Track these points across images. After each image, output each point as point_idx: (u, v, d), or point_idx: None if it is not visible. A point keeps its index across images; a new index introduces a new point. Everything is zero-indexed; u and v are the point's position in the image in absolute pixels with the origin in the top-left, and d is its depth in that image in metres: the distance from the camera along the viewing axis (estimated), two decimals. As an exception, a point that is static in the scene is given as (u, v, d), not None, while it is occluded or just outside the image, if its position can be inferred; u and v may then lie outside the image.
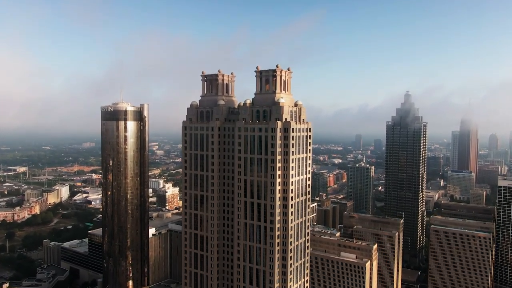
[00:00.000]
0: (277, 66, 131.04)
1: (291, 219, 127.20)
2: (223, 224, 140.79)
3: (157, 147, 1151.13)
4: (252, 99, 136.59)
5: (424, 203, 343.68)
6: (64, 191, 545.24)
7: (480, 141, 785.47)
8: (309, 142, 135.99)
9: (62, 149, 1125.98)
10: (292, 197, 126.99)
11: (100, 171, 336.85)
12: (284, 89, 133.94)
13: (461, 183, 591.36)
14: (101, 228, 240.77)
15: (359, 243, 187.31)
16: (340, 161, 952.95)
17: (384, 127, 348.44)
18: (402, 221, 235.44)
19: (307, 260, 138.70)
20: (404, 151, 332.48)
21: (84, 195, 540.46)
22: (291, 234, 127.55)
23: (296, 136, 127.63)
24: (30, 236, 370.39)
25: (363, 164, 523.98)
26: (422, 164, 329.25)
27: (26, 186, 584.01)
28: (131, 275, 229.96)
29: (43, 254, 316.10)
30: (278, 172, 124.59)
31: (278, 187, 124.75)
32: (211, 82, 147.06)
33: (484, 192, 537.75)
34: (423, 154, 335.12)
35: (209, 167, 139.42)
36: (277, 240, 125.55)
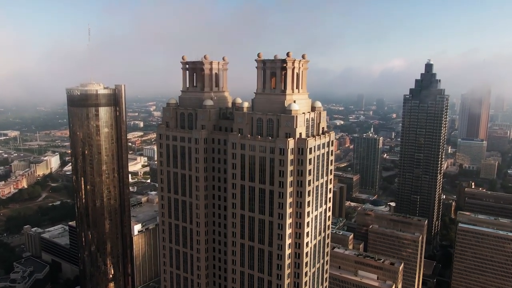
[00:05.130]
0: (287, 54, 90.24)
1: (306, 271, 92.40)
2: (214, 267, 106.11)
3: (154, 107, 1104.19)
4: (252, 100, 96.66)
5: (441, 186, 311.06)
6: (54, 161, 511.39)
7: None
8: (331, 160, 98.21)
9: (57, 110, 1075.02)
10: (307, 242, 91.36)
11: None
12: (297, 87, 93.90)
13: (471, 152, 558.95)
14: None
15: (381, 261, 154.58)
16: (342, 122, 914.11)
17: (387, 88, 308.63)
18: (426, 222, 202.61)
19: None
20: (422, 129, 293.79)
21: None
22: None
23: (314, 158, 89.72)
24: (14, 217, 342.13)
25: (370, 135, 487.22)
26: (442, 145, 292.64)
27: (16, 154, 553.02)
28: (111, 276, 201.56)
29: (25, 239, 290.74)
30: (289, 210, 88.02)
31: (288, 230, 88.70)
32: (195, 72, 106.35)
33: (496, 163, 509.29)
34: (444, 132, 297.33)
35: (193, 192, 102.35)
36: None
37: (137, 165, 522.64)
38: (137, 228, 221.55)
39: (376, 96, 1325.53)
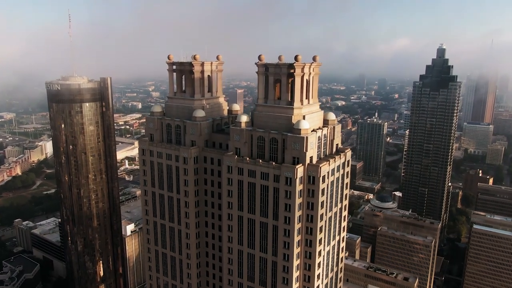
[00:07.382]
0: (296, 58, 72.71)
1: (316, 318, 78.07)
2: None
3: (153, 87, 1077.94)
4: (252, 112, 79.70)
5: (450, 179, 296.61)
6: (49, 146, 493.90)
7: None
8: (346, 184, 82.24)
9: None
10: (318, 286, 76.49)
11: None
12: (307, 97, 76.88)
13: (477, 136, 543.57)
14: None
15: (393, 275, 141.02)
16: (344, 103, 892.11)
17: (391, 67, 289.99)
18: (439, 225, 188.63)
19: None
20: (433, 118, 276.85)
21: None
22: None
23: (327, 185, 73.76)
24: (6, 207, 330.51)
25: (374, 120, 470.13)
26: (453, 134, 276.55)
27: (11, 138, 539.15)
28: (100, 278, 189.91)
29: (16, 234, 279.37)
30: (296, 250, 72.70)
31: (295, 274, 73.71)
32: (183, 74, 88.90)
33: (503, 148, 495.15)
34: (455, 122, 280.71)
35: (183, 219, 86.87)
36: None
37: (134, 150, 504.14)
38: (129, 228, 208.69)
39: (378, 75, 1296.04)
